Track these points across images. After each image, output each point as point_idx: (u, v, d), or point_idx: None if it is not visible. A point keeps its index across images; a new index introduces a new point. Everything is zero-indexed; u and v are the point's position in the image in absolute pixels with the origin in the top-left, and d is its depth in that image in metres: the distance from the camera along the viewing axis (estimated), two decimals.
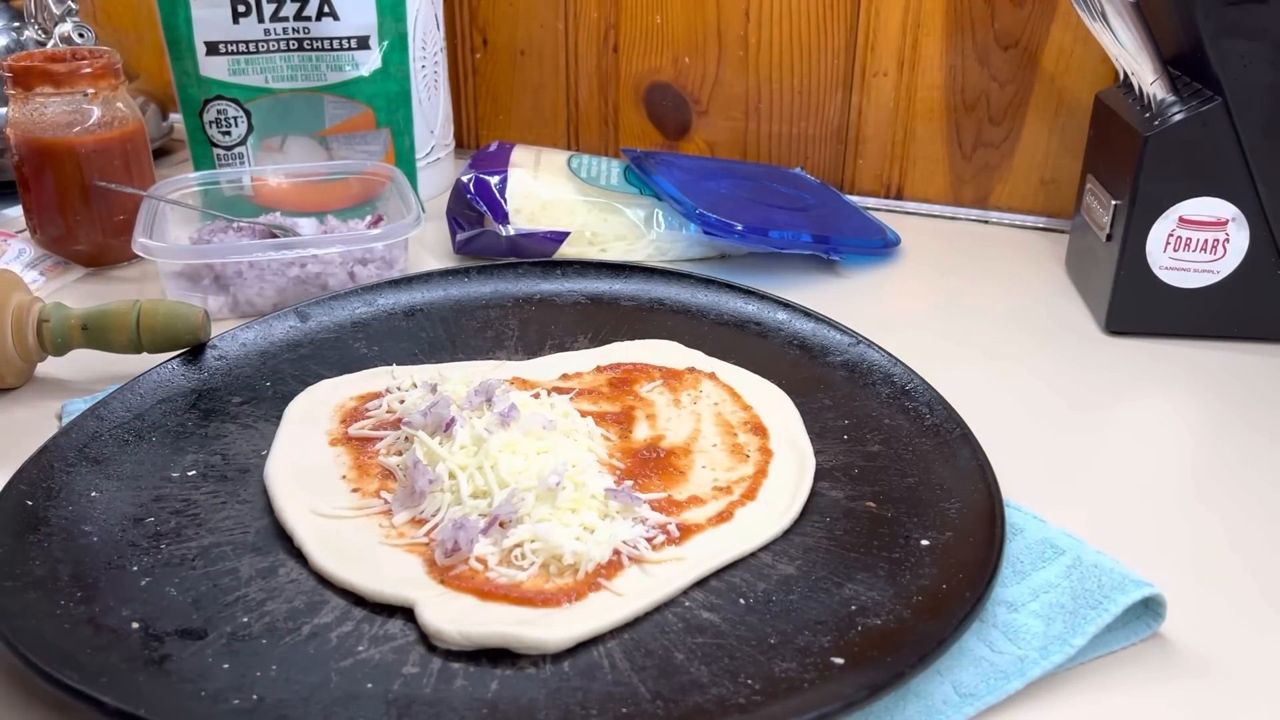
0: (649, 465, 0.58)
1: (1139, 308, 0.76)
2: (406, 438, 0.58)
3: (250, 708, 0.42)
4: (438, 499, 0.53)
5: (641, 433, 0.61)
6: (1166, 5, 0.74)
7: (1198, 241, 0.74)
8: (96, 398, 0.64)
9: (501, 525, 0.50)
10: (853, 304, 0.79)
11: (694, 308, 0.75)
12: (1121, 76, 0.79)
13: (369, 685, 0.44)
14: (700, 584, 0.50)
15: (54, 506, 0.53)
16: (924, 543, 0.52)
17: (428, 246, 0.91)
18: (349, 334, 0.71)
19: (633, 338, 0.72)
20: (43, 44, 0.98)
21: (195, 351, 0.67)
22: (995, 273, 0.89)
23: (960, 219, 1.00)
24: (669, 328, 0.73)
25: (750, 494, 0.56)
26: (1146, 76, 0.73)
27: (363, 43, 0.87)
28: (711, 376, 0.67)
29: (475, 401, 0.58)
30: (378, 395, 0.63)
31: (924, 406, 0.62)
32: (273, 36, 0.85)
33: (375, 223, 0.85)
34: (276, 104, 0.88)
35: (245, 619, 0.47)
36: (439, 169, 1.02)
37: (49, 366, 0.69)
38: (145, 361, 0.67)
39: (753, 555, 0.52)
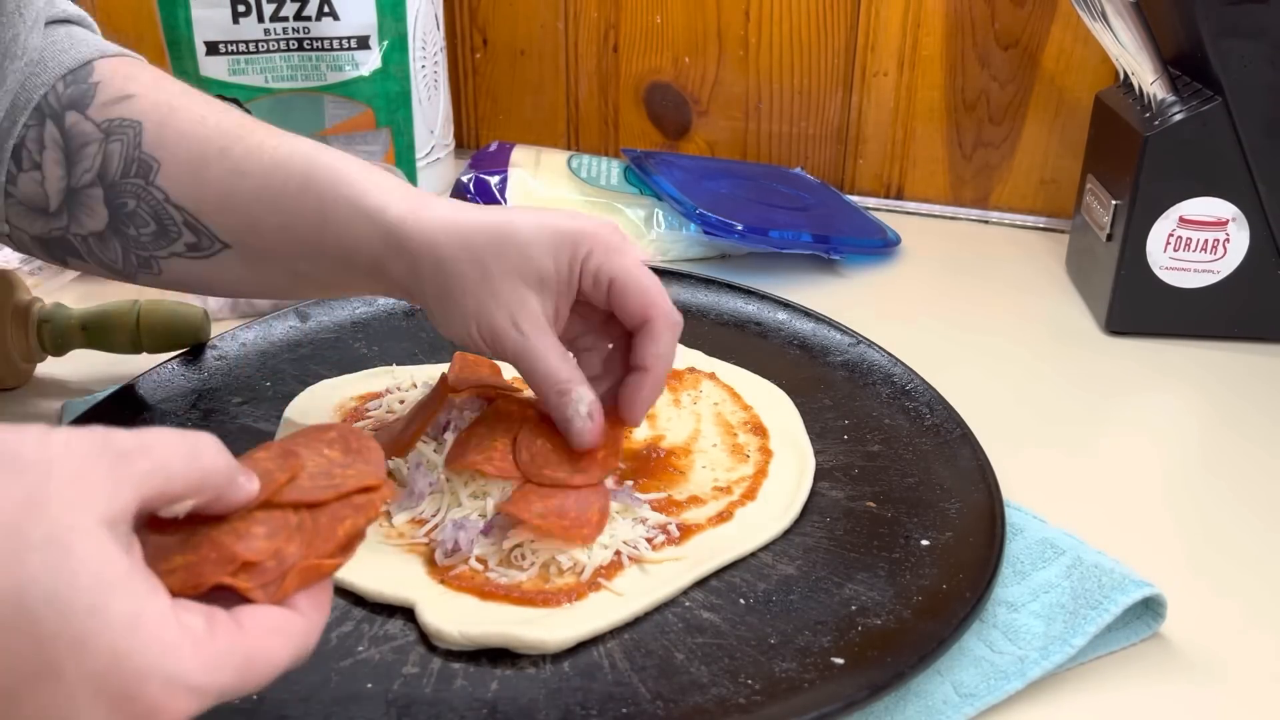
0: (649, 465, 0.58)
1: (1139, 308, 0.76)
2: None
3: (250, 708, 0.42)
4: (437, 500, 0.53)
5: (641, 433, 0.61)
6: (1167, 5, 0.74)
7: (1198, 241, 0.74)
8: (96, 398, 0.64)
9: (501, 526, 0.50)
10: (853, 304, 0.79)
11: (694, 308, 0.75)
12: (1121, 76, 0.79)
13: (369, 685, 0.44)
14: (700, 584, 0.50)
15: None
16: (924, 543, 0.52)
17: None
18: (349, 334, 0.71)
19: None
20: None
21: (195, 351, 0.67)
22: (995, 273, 0.89)
23: (960, 219, 1.00)
24: None
25: (750, 494, 0.56)
26: (1147, 76, 0.73)
27: (363, 43, 0.87)
28: (711, 376, 0.67)
29: (475, 403, 0.58)
30: (378, 395, 0.63)
31: (924, 406, 0.62)
32: (273, 36, 0.85)
33: None
34: (276, 104, 0.88)
35: None
36: (439, 169, 1.02)
37: (49, 366, 0.69)
38: (145, 361, 0.67)
39: (753, 555, 0.52)
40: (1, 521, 0.29)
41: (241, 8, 0.84)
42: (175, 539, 0.34)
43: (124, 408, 0.61)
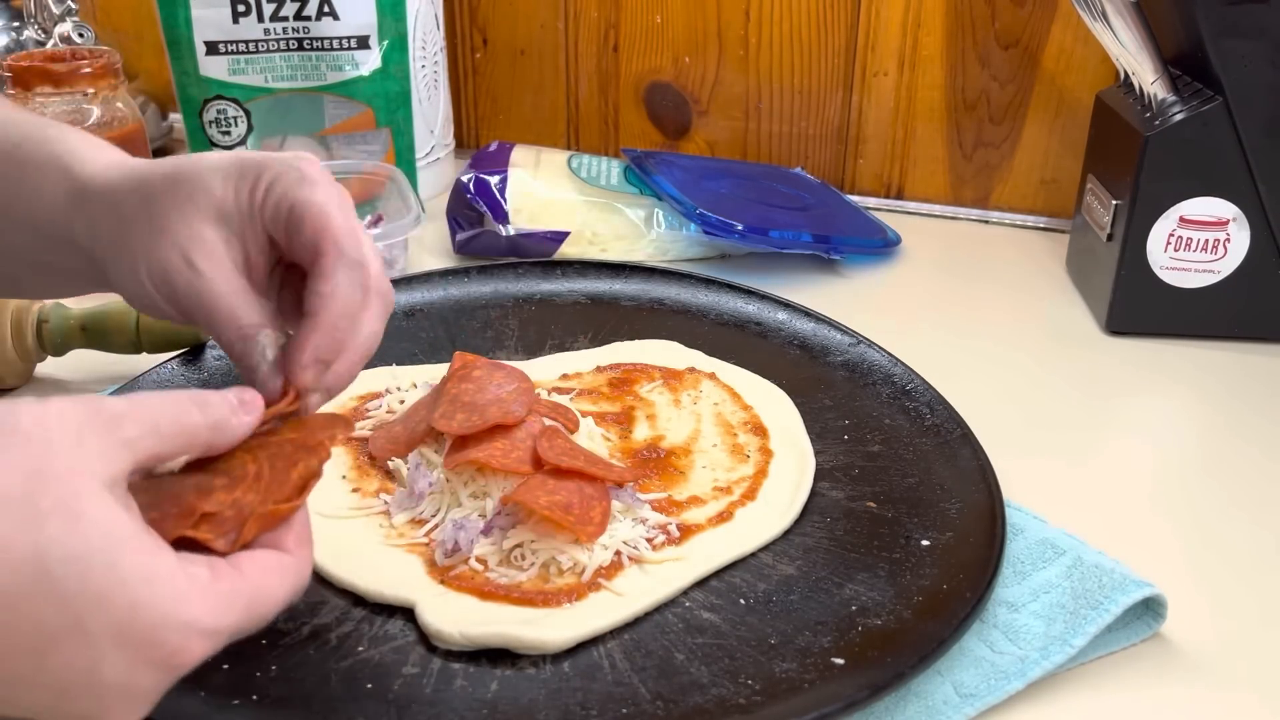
0: (649, 465, 0.58)
1: (1139, 308, 0.76)
2: None
3: (250, 708, 0.42)
4: (437, 500, 0.53)
5: (641, 433, 0.61)
6: (1167, 5, 0.74)
7: (1198, 241, 0.74)
8: None
9: (501, 526, 0.50)
10: (853, 304, 0.79)
11: (694, 308, 0.75)
12: (1122, 76, 0.79)
13: (369, 685, 0.44)
14: (700, 584, 0.50)
15: None
16: (924, 543, 0.52)
17: (428, 246, 0.91)
18: None
19: (633, 338, 0.71)
20: (42, 44, 0.98)
21: (195, 351, 0.67)
22: (995, 273, 0.89)
23: (960, 219, 1.00)
24: (669, 328, 0.73)
25: (750, 494, 0.56)
26: (1147, 76, 0.73)
27: (363, 42, 0.87)
28: (711, 376, 0.67)
29: None
30: (378, 395, 0.63)
31: (924, 406, 0.62)
32: (272, 36, 0.85)
33: (375, 223, 0.85)
34: (276, 104, 0.88)
35: None
36: (439, 169, 1.02)
37: (49, 366, 0.69)
38: (145, 361, 0.67)
39: (753, 555, 0.52)
40: (13, 493, 0.31)
41: (241, 7, 0.84)
42: (146, 497, 0.36)
43: None
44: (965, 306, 0.83)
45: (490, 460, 0.51)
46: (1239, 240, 0.73)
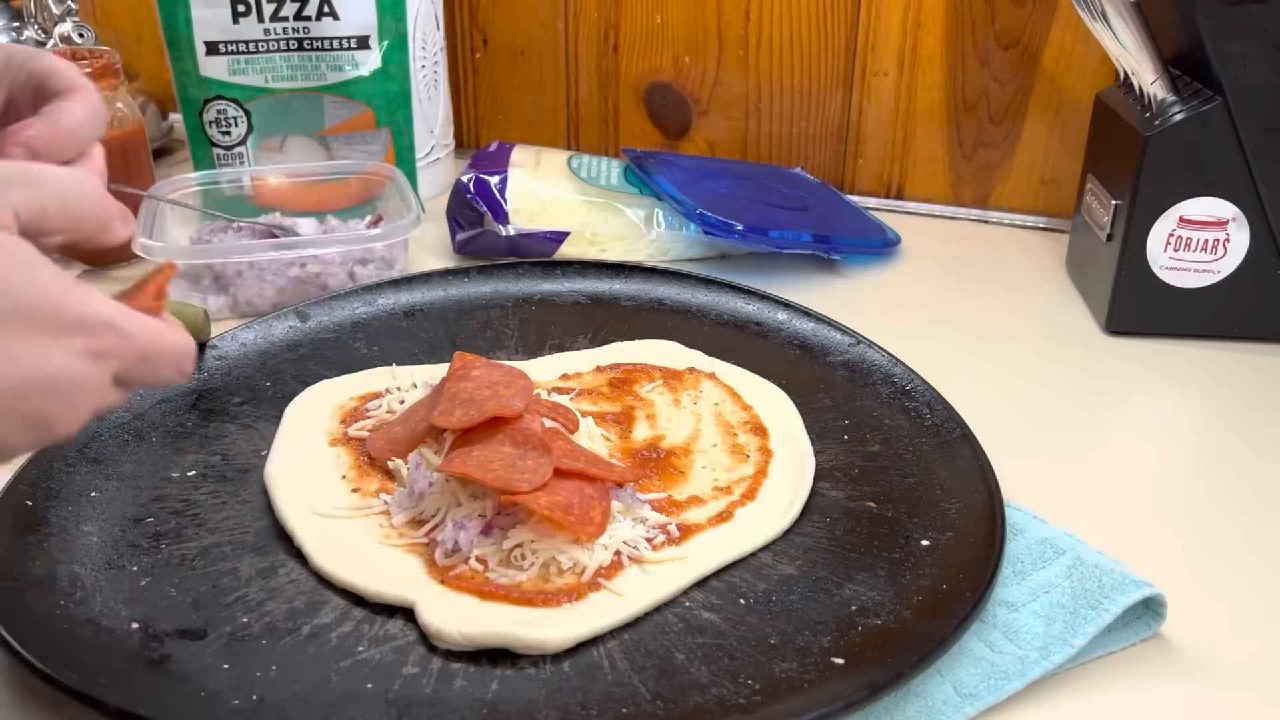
0: (649, 465, 0.58)
1: (1139, 308, 0.76)
2: None
3: (250, 708, 0.42)
4: (437, 500, 0.53)
5: (641, 433, 0.61)
6: (1167, 5, 0.74)
7: (1198, 241, 0.74)
8: None
9: (501, 526, 0.50)
10: (853, 304, 0.79)
11: (694, 308, 0.75)
12: (1122, 76, 0.79)
13: (369, 685, 0.44)
14: (700, 584, 0.50)
15: (54, 506, 0.53)
16: (924, 543, 0.52)
17: (428, 246, 0.91)
18: (349, 334, 0.71)
19: (633, 338, 0.72)
20: (43, 44, 0.98)
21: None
22: (995, 273, 0.89)
23: (960, 219, 1.00)
24: (669, 328, 0.73)
25: (750, 494, 0.56)
26: (1147, 76, 0.73)
27: (363, 42, 0.87)
28: (711, 376, 0.67)
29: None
30: (378, 395, 0.63)
31: (924, 406, 0.62)
32: (272, 36, 0.85)
33: (375, 223, 0.85)
34: (276, 104, 0.88)
35: (245, 619, 0.47)
36: (439, 169, 1.02)
37: None
38: None
39: (753, 555, 0.52)
40: None
41: (241, 8, 0.84)
42: None
43: (123, 408, 0.61)
44: (965, 306, 0.83)
45: (479, 475, 0.50)
46: (1239, 240, 0.73)
